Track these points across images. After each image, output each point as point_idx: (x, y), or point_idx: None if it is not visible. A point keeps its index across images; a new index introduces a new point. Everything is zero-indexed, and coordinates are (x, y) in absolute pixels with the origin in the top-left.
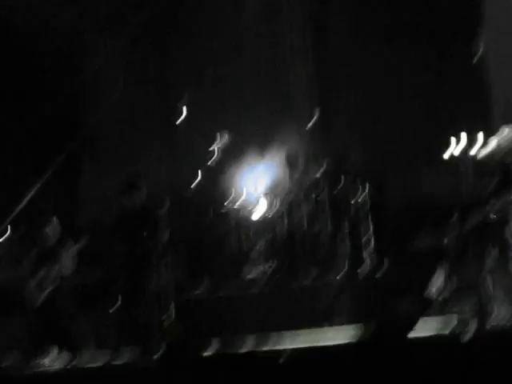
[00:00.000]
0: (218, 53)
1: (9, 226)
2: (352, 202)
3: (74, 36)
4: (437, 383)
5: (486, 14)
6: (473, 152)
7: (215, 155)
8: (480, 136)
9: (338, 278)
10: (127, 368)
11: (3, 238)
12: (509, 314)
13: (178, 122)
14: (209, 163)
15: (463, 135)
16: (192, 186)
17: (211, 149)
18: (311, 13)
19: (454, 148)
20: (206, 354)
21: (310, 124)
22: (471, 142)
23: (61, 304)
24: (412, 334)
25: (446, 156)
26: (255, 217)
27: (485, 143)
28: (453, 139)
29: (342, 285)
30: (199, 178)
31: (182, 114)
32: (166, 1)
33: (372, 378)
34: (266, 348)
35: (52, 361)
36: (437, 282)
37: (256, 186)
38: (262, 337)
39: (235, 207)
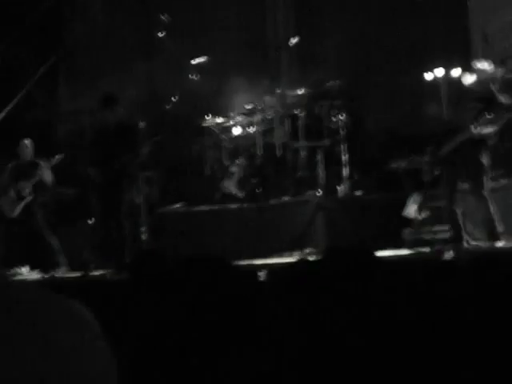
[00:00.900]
0: None
1: None
2: (328, 125)
3: None
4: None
5: None
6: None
7: (194, 73)
8: (457, 68)
9: (316, 196)
10: (101, 281)
11: None
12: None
13: (159, 35)
14: (188, 79)
15: (440, 67)
16: (170, 103)
17: (190, 65)
18: None
19: (431, 78)
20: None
21: (291, 45)
22: (448, 73)
23: (35, 219)
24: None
25: (425, 83)
26: (234, 133)
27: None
28: (430, 70)
29: (316, 212)
30: (178, 94)
31: (161, 30)
32: None
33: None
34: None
35: (24, 277)
36: (413, 205)
37: (235, 105)
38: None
39: (214, 124)
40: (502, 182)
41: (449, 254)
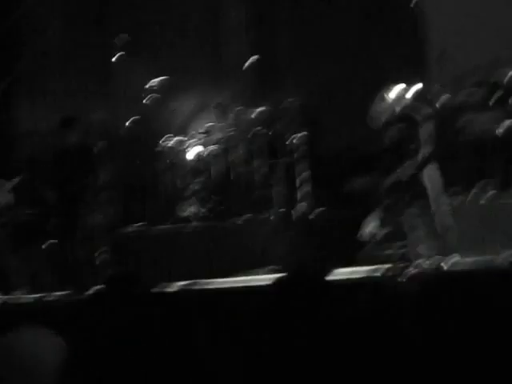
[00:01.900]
0: None
1: None
2: (287, 144)
3: None
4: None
5: None
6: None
7: (151, 94)
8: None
9: (271, 218)
10: (60, 304)
11: None
12: (435, 258)
13: (113, 60)
14: (144, 101)
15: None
16: (127, 125)
17: (147, 87)
18: None
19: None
20: (138, 290)
21: (246, 66)
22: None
23: None
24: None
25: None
26: (190, 156)
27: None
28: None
29: (276, 225)
30: (134, 116)
31: (118, 52)
32: None
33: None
34: (196, 287)
35: None
36: (369, 225)
37: (191, 125)
38: (192, 276)
39: (170, 146)
40: (458, 199)
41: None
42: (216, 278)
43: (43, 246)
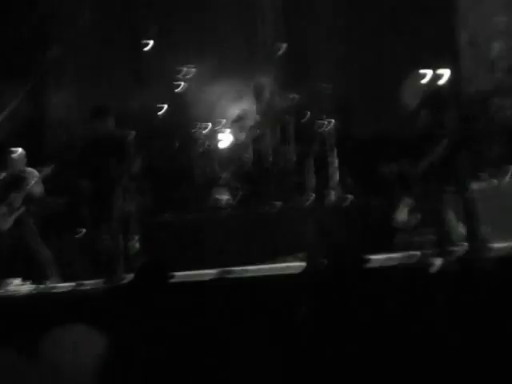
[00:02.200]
0: None
1: None
2: (318, 131)
3: None
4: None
5: None
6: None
7: (183, 84)
8: (445, 71)
9: (303, 205)
10: (93, 293)
11: None
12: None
13: (145, 49)
14: (176, 91)
15: (428, 70)
16: (159, 114)
17: (179, 76)
18: None
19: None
20: (172, 280)
21: (279, 54)
22: (436, 76)
23: (26, 231)
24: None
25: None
26: (223, 145)
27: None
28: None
29: (308, 213)
30: (166, 106)
31: (149, 43)
32: None
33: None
34: (230, 276)
35: (16, 288)
36: (402, 213)
37: (224, 114)
38: (225, 266)
39: (203, 135)
40: (491, 183)
41: (436, 260)
42: (249, 265)
43: (76, 236)
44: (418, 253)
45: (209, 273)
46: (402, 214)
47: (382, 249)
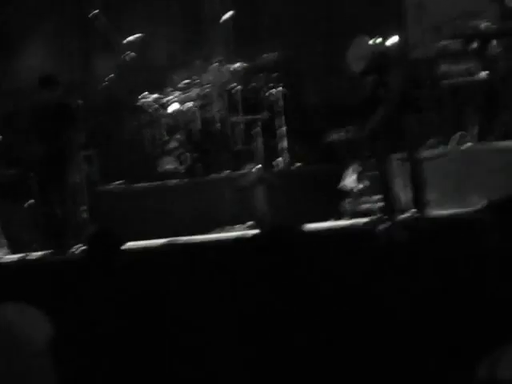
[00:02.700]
0: None
1: None
2: (265, 98)
3: None
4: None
5: None
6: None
7: (130, 52)
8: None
9: (252, 171)
10: (41, 263)
11: None
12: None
13: (90, 15)
14: (123, 57)
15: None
16: (106, 81)
17: (124, 43)
18: None
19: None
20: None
21: (223, 19)
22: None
23: None
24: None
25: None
26: (171, 111)
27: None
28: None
29: (256, 186)
30: (113, 73)
31: (95, 9)
32: None
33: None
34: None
35: None
36: (350, 180)
37: (172, 80)
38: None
39: (148, 102)
40: (438, 150)
41: (382, 226)
42: (195, 234)
43: (24, 206)
44: (366, 219)
45: (157, 243)
46: (349, 181)
47: (329, 216)
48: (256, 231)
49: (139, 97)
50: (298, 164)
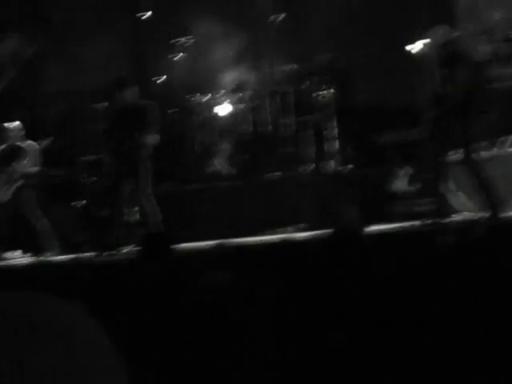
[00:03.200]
0: None
1: None
2: (318, 100)
3: None
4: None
5: None
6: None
7: (181, 52)
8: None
9: (304, 174)
10: (92, 263)
11: None
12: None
13: (144, 17)
14: (175, 59)
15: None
16: (158, 82)
17: (177, 45)
18: None
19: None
20: (177, 247)
21: (277, 22)
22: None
23: (25, 203)
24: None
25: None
26: (221, 114)
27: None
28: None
29: (308, 181)
30: (165, 74)
31: (148, 11)
32: None
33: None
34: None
35: (17, 259)
36: (401, 180)
37: (223, 84)
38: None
39: (202, 105)
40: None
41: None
42: (246, 236)
43: (76, 207)
44: (418, 222)
45: (208, 244)
46: (401, 183)
47: (381, 218)
48: (310, 233)
49: (191, 98)
50: (350, 166)
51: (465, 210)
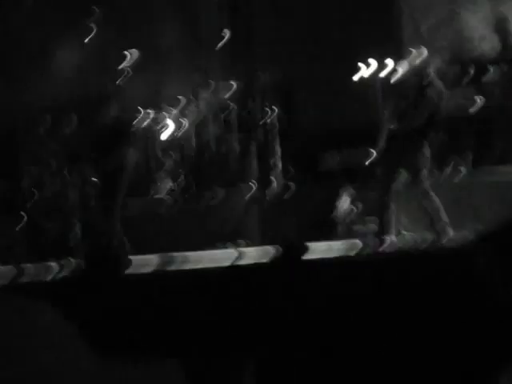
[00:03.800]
0: None
1: None
2: (261, 123)
3: None
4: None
5: None
6: (383, 75)
7: (124, 74)
8: (389, 61)
9: (245, 198)
10: (34, 284)
11: None
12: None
13: (86, 40)
14: (117, 82)
15: (373, 60)
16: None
17: (120, 67)
18: None
19: (364, 72)
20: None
21: (220, 44)
22: (381, 66)
23: None
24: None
25: (355, 79)
26: (163, 136)
27: (395, 67)
28: (363, 64)
29: (249, 206)
30: (108, 96)
31: (91, 32)
32: None
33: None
34: (171, 268)
35: None
36: (343, 205)
37: (165, 105)
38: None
39: (143, 127)
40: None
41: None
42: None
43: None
44: (359, 241)
45: (150, 258)
46: (343, 204)
47: (322, 237)
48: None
49: (135, 115)
50: (292, 185)
51: (407, 231)
